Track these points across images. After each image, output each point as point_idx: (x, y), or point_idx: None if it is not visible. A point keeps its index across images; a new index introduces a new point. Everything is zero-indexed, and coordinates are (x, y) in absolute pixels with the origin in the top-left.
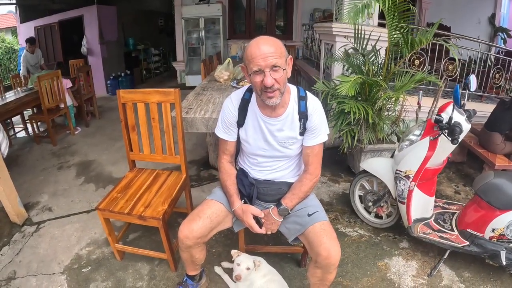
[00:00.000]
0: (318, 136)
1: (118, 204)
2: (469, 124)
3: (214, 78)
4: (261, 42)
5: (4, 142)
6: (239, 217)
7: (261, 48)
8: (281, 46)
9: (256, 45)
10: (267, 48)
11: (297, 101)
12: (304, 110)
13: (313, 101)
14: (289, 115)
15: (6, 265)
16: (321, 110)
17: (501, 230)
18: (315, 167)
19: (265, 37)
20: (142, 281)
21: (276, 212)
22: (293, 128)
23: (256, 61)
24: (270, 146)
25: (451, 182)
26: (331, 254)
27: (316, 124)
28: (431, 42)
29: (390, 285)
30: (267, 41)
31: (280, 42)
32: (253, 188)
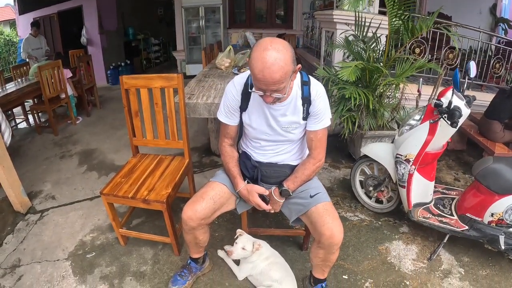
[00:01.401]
0: (322, 120)
1: (122, 188)
2: (469, 109)
3: (215, 65)
4: (266, 67)
5: (6, 132)
6: (245, 197)
7: (265, 74)
8: (287, 68)
9: (261, 66)
10: (271, 76)
11: (300, 86)
12: (308, 95)
13: (316, 86)
14: (292, 100)
15: (11, 253)
16: (324, 95)
17: (500, 215)
18: (319, 151)
19: (272, 58)
20: (146, 265)
21: (278, 193)
22: (296, 113)
23: (258, 83)
24: (273, 130)
25: (450, 169)
26: (334, 234)
27: (319, 109)
28: (431, 30)
29: (390, 268)
30: (272, 66)
31: (289, 58)
32: (256, 171)
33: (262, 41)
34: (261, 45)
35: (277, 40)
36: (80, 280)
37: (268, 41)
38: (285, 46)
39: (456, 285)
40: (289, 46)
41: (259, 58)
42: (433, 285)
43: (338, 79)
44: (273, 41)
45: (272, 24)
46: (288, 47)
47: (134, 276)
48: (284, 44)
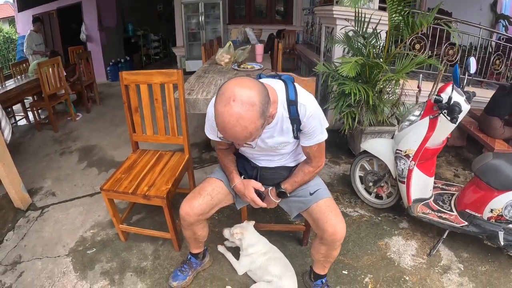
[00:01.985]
0: (316, 137)
1: (122, 184)
2: (469, 105)
3: (215, 61)
4: (228, 127)
5: (6, 129)
6: (240, 193)
7: (227, 134)
8: (252, 129)
9: (221, 125)
10: (233, 137)
11: (286, 107)
12: (295, 115)
13: (305, 105)
14: (278, 123)
15: (12, 249)
16: (315, 112)
17: (499, 211)
18: (317, 160)
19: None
20: (147, 261)
21: (274, 194)
22: (285, 133)
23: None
24: (261, 149)
25: (450, 165)
26: (337, 230)
27: (310, 128)
28: (431, 27)
29: (390, 263)
30: (234, 128)
31: (253, 119)
32: (255, 171)
33: (225, 89)
34: (223, 96)
35: (244, 88)
36: (81, 276)
37: (232, 90)
38: (254, 98)
39: (455, 281)
40: (260, 94)
41: (220, 114)
42: (432, 280)
43: (338, 74)
44: (238, 89)
45: (272, 20)
46: (258, 96)
47: (134, 271)
48: (253, 93)
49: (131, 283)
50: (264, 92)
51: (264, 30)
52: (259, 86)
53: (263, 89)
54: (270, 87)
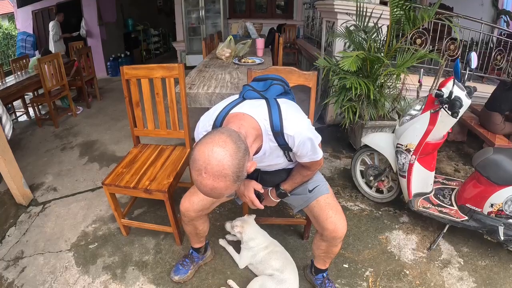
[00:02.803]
0: (309, 156)
1: (124, 178)
2: (469, 100)
3: (216, 55)
4: (203, 192)
5: (7, 124)
6: (239, 192)
7: (205, 196)
8: (228, 192)
9: (199, 187)
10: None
11: (272, 138)
12: (284, 143)
13: (292, 135)
14: (266, 152)
15: (14, 245)
16: (305, 139)
17: (499, 206)
18: (315, 165)
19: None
20: (148, 255)
21: (275, 194)
22: (276, 158)
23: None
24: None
25: (451, 160)
26: (337, 228)
27: (302, 153)
28: (433, 21)
29: (390, 257)
30: (209, 195)
31: (227, 186)
32: (255, 174)
33: (198, 156)
34: (195, 164)
35: (214, 159)
36: (83, 270)
37: (203, 160)
38: (223, 169)
39: (455, 275)
40: (231, 161)
41: (195, 181)
42: (432, 274)
43: (339, 69)
44: (208, 161)
45: (272, 14)
46: (229, 165)
47: (136, 265)
48: (223, 163)
49: (133, 277)
50: (239, 155)
51: (265, 25)
52: (232, 151)
53: (237, 151)
54: (250, 120)
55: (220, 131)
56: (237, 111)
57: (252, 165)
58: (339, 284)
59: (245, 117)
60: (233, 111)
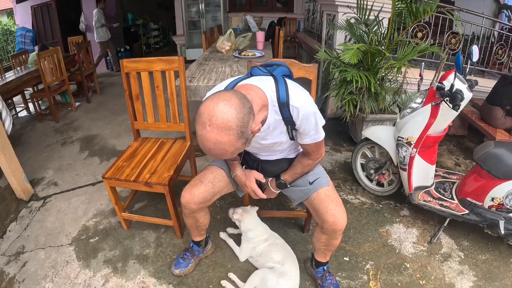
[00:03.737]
0: (312, 136)
1: (124, 172)
2: (471, 93)
3: (216, 49)
4: (207, 149)
5: (7, 119)
6: (241, 182)
7: (209, 153)
8: (232, 150)
9: (202, 145)
10: (215, 155)
11: (278, 110)
12: (289, 116)
13: (298, 107)
14: (270, 126)
15: (15, 240)
16: (309, 113)
17: (500, 199)
18: (316, 154)
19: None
20: (149, 249)
21: (274, 185)
22: (280, 134)
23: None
24: (257, 148)
25: (451, 154)
26: (337, 220)
27: (305, 129)
28: (434, 15)
29: (391, 250)
30: (213, 151)
31: (231, 142)
32: (256, 164)
33: (203, 110)
34: (200, 118)
35: (219, 112)
36: (84, 264)
37: (208, 113)
38: (228, 121)
39: (456, 269)
40: (236, 115)
41: (199, 137)
42: (433, 268)
43: (339, 61)
44: (213, 113)
45: (272, 7)
46: (233, 118)
47: (137, 259)
48: (228, 116)
49: (134, 271)
50: (244, 110)
51: (265, 18)
52: (237, 104)
53: (243, 106)
54: (258, 90)
55: (226, 90)
56: (245, 83)
57: (257, 125)
58: (339, 277)
59: (252, 87)
60: (240, 84)
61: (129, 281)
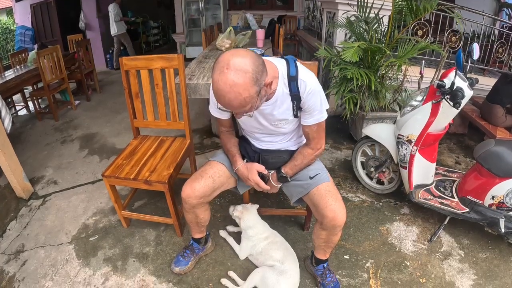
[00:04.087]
0: (314, 116)
1: (124, 170)
2: (471, 91)
3: (216, 47)
4: (222, 94)
5: (7, 118)
6: (243, 176)
7: (222, 101)
8: (245, 96)
9: (217, 92)
10: (229, 104)
11: (286, 83)
12: (296, 91)
13: (305, 81)
14: (278, 99)
15: (14, 239)
16: (315, 89)
17: (500, 198)
18: (317, 141)
19: (228, 85)
20: (149, 247)
21: (275, 178)
22: (285, 110)
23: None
24: (263, 126)
25: (452, 152)
26: (337, 216)
27: (310, 105)
28: (434, 13)
29: (391, 249)
30: (228, 95)
31: (246, 87)
32: (257, 155)
33: (221, 59)
34: (218, 65)
35: (238, 57)
36: (84, 263)
37: (227, 58)
38: (247, 66)
39: (456, 267)
40: (254, 63)
41: (215, 82)
42: (433, 266)
43: (339, 59)
44: (232, 58)
45: (272, 5)
46: (251, 65)
47: (137, 257)
48: (247, 62)
49: (134, 269)
50: (258, 61)
51: (265, 16)
52: (253, 55)
53: (257, 58)
54: (270, 63)
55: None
56: None
57: (270, 78)
58: (339, 275)
59: (265, 60)
60: None
61: (129, 279)
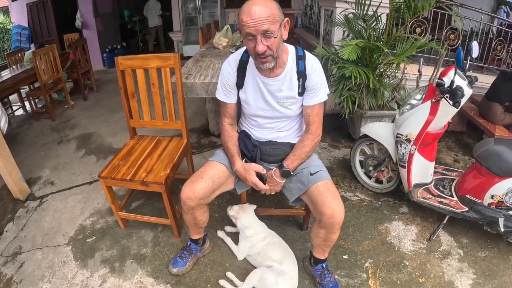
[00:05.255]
0: (318, 95)
1: (120, 171)
2: (471, 89)
3: (213, 45)
4: (254, 5)
5: (3, 118)
6: (242, 176)
7: (252, 12)
8: (274, 10)
9: (248, 8)
10: (258, 13)
11: (295, 60)
12: (303, 69)
13: (312, 60)
14: (287, 75)
15: (11, 240)
16: (320, 69)
17: (500, 197)
18: (316, 126)
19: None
20: (147, 248)
21: (278, 174)
22: (292, 87)
23: (248, 27)
24: (269, 106)
25: (450, 151)
26: (335, 213)
27: (315, 83)
28: (433, 10)
29: (390, 248)
30: (260, 4)
31: (275, 4)
32: (256, 150)
33: None
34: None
35: None
36: (81, 264)
37: None
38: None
39: (455, 266)
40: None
41: (246, 4)
42: (432, 265)
43: (337, 58)
44: None
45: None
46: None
47: (134, 258)
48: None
49: (131, 270)
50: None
51: None
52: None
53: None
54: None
55: None
56: None
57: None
58: (338, 275)
59: None
60: None
61: (126, 281)
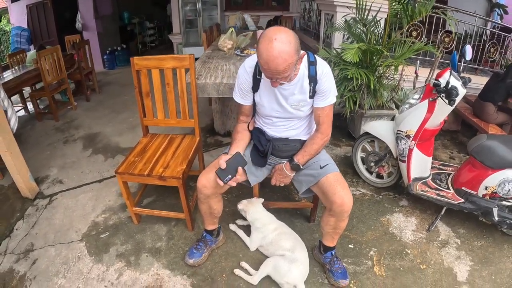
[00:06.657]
0: (328, 98)
1: (137, 167)
2: (465, 89)
3: (218, 47)
4: (271, 60)
5: (13, 118)
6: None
7: (270, 66)
8: (291, 59)
9: (266, 56)
10: (275, 67)
11: (307, 66)
12: (314, 74)
13: (322, 66)
14: (299, 80)
15: (23, 238)
16: (329, 74)
17: (493, 188)
18: (326, 127)
19: (276, 51)
20: (161, 242)
21: (289, 167)
22: (304, 91)
23: (265, 72)
24: (283, 108)
25: (446, 148)
26: (344, 202)
27: (325, 87)
28: (428, 14)
29: (392, 238)
30: (276, 60)
31: (293, 49)
32: (269, 144)
33: (268, 31)
34: (266, 36)
35: (282, 32)
36: (96, 259)
37: (273, 32)
38: (290, 38)
39: (453, 254)
40: (294, 37)
41: (264, 50)
42: (432, 253)
43: (339, 60)
44: (278, 32)
45: (268, 6)
46: (293, 38)
47: (150, 252)
48: (289, 35)
49: (147, 263)
50: (296, 37)
51: (261, 17)
52: (292, 32)
53: (295, 35)
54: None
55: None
56: None
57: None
58: (345, 263)
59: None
60: None
61: (143, 273)
